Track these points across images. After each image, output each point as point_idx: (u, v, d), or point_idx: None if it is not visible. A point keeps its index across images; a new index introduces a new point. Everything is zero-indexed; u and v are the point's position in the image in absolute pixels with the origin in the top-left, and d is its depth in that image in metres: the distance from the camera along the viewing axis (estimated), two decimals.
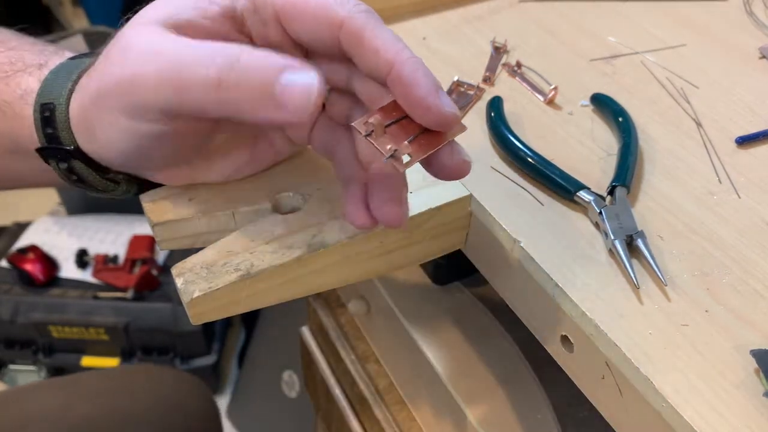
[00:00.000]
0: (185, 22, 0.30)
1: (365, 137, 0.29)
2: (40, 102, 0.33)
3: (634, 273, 0.34)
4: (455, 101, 0.46)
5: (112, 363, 1.28)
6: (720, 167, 0.41)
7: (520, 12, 0.55)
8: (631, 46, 0.52)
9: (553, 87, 0.46)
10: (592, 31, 0.53)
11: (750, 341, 0.31)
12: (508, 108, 0.44)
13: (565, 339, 0.34)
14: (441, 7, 0.55)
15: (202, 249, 0.34)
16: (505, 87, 0.47)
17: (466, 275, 0.54)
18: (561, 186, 0.38)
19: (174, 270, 0.33)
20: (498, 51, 0.50)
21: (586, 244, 0.36)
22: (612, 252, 0.35)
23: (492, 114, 0.43)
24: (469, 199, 0.38)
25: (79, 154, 0.33)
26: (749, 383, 0.30)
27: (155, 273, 1.26)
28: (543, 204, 0.38)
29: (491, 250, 0.38)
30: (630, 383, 0.30)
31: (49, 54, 0.36)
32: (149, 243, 1.29)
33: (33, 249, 1.26)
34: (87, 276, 1.27)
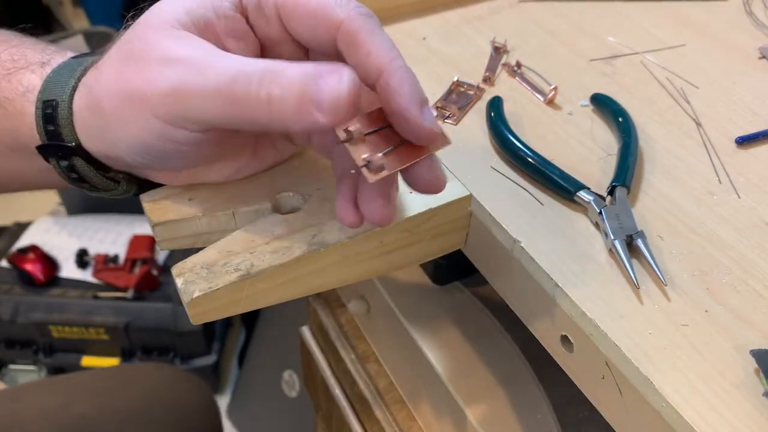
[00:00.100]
0: (203, 23, 0.31)
1: (342, 143, 0.29)
2: (42, 99, 0.33)
3: (634, 273, 0.34)
4: (455, 101, 0.46)
5: (112, 363, 1.28)
6: (720, 167, 0.41)
7: (520, 12, 0.55)
8: (631, 46, 0.52)
9: (553, 87, 0.46)
10: (592, 31, 0.53)
11: (750, 341, 0.31)
12: (508, 108, 0.44)
13: (565, 339, 0.34)
14: (441, 8, 0.55)
15: (202, 249, 0.34)
16: (505, 87, 0.47)
17: (466, 275, 0.54)
18: (561, 186, 0.38)
19: (174, 270, 0.33)
20: (498, 51, 0.50)
21: (586, 244, 0.36)
22: (612, 252, 0.35)
23: (492, 114, 0.43)
24: (469, 199, 0.38)
25: (81, 151, 0.33)
26: (749, 383, 0.30)
27: (155, 273, 1.26)
28: (543, 204, 0.38)
29: (491, 250, 0.38)
30: (630, 383, 0.30)
31: (52, 53, 0.36)
32: (149, 243, 1.29)
33: (33, 249, 1.26)
34: (87, 276, 1.28)
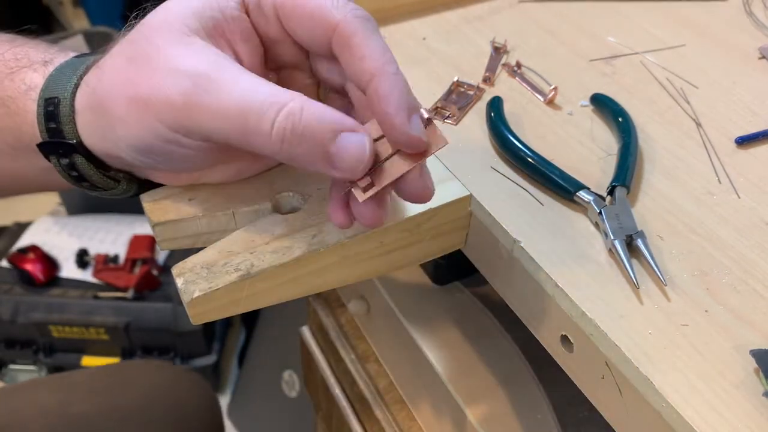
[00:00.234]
0: (212, 27, 0.31)
1: None
2: (44, 97, 0.33)
3: (633, 273, 0.34)
4: (455, 101, 0.46)
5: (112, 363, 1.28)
6: (720, 167, 0.41)
7: (520, 12, 0.55)
8: (631, 46, 0.52)
9: (553, 87, 0.46)
10: (591, 31, 0.53)
11: (750, 341, 0.31)
12: (508, 108, 0.44)
13: (565, 339, 0.34)
14: (441, 8, 0.55)
15: (202, 249, 0.34)
16: (505, 87, 0.47)
17: (466, 275, 0.54)
18: (561, 186, 0.38)
19: (174, 270, 0.33)
20: (498, 51, 0.50)
21: (586, 244, 0.36)
22: (612, 252, 0.35)
23: (492, 114, 0.43)
24: (469, 199, 0.38)
25: (82, 148, 0.33)
26: (749, 383, 0.30)
27: (155, 273, 1.26)
28: (543, 204, 0.38)
29: (491, 250, 0.38)
30: (630, 383, 0.30)
31: (54, 52, 0.36)
32: (149, 243, 1.29)
33: (33, 249, 1.26)
34: (87, 276, 1.28)
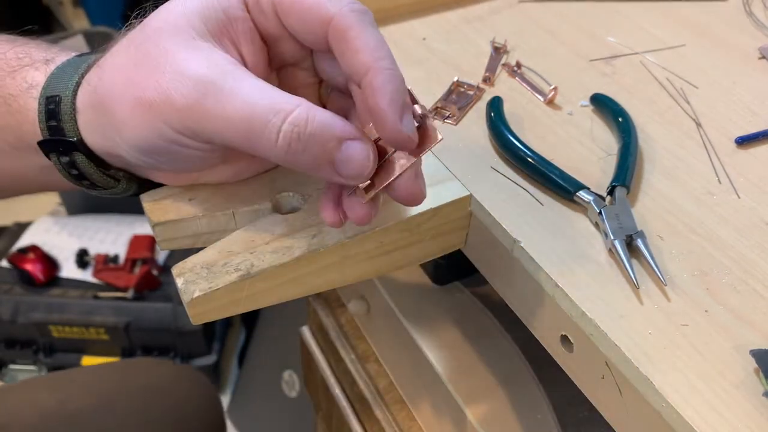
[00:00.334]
0: (217, 28, 0.31)
1: None
2: (45, 95, 0.33)
3: (633, 273, 0.34)
4: (455, 101, 0.46)
5: None
6: (720, 167, 0.41)
7: (520, 12, 0.55)
8: (631, 46, 0.52)
9: (553, 87, 0.46)
10: (591, 31, 0.53)
11: (750, 341, 0.31)
12: (508, 108, 0.44)
13: (565, 339, 0.34)
14: (441, 8, 0.55)
15: (202, 249, 0.34)
16: (505, 87, 0.47)
17: (466, 275, 0.54)
18: (561, 186, 0.38)
19: (174, 270, 0.33)
20: (498, 51, 0.50)
21: (586, 244, 0.36)
22: (612, 252, 0.35)
23: (492, 114, 0.43)
24: (469, 199, 0.38)
25: (82, 146, 0.33)
26: (749, 383, 0.30)
27: (155, 273, 1.26)
28: (543, 204, 0.38)
29: (491, 250, 0.38)
30: (630, 383, 0.30)
31: (56, 51, 0.36)
32: (149, 243, 1.29)
33: (33, 249, 1.26)
34: (87, 276, 1.27)
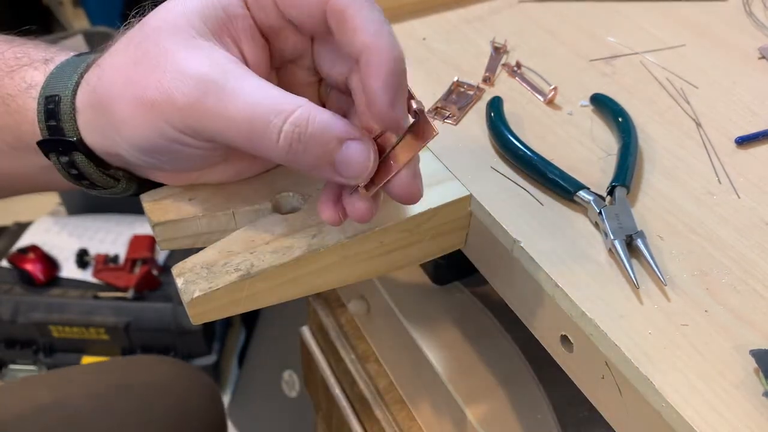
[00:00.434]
0: (218, 27, 0.31)
1: None
2: (44, 95, 0.33)
3: (633, 273, 0.34)
4: (455, 101, 0.46)
5: None
6: (719, 167, 0.41)
7: (520, 12, 0.55)
8: (631, 46, 0.52)
9: (553, 87, 0.46)
10: (591, 31, 0.53)
11: (750, 341, 0.31)
12: (508, 108, 0.44)
13: (565, 339, 0.34)
14: (441, 8, 0.55)
15: (202, 249, 0.34)
16: (505, 87, 0.47)
17: (466, 275, 0.54)
18: (561, 186, 0.38)
19: (174, 270, 0.33)
20: (498, 51, 0.50)
21: (586, 244, 0.36)
22: (612, 252, 0.35)
23: (492, 114, 0.43)
24: (469, 199, 0.38)
25: (82, 146, 0.33)
26: (749, 383, 0.30)
27: (155, 273, 1.26)
28: (543, 204, 0.38)
29: (491, 250, 0.38)
30: (630, 383, 0.30)
31: (55, 51, 0.36)
32: (149, 243, 1.29)
33: (33, 249, 1.26)
34: (87, 276, 1.27)
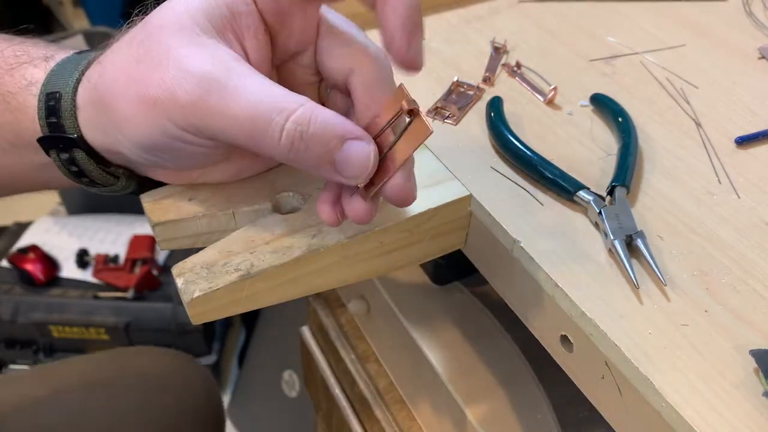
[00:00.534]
0: (221, 25, 0.31)
1: None
2: (45, 92, 0.33)
3: (633, 273, 0.34)
4: (455, 101, 0.46)
5: None
6: (719, 167, 0.41)
7: (520, 12, 0.55)
8: (631, 46, 0.52)
9: (553, 87, 0.46)
10: (591, 31, 0.53)
11: (750, 341, 0.31)
12: (507, 108, 0.44)
13: (565, 339, 0.34)
14: (441, 8, 0.55)
15: (202, 249, 0.34)
16: (505, 87, 0.47)
17: (466, 275, 0.54)
18: (561, 186, 0.38)
19: (174, 270, 0.33)
20: (498, 51, 0.50)
21: (585, 244, 0.36)
22: (612, 252, 0.35)
23: (492, 114, 0.43)
24: (469, 199, 0.38)
25: (82, 143, 0.33)
26: (749, 383, 0.30)
27: (155, 273, 1.26)
28: (543, 204, 0.38)
29: (491, 250, 0.38)
30: (630, 383, 0.30)
31: (55, 49, 0.36)
32: (149, 243, 1.29)
33: (33, 249, 1.26)
34: (87, 276, 1.27)
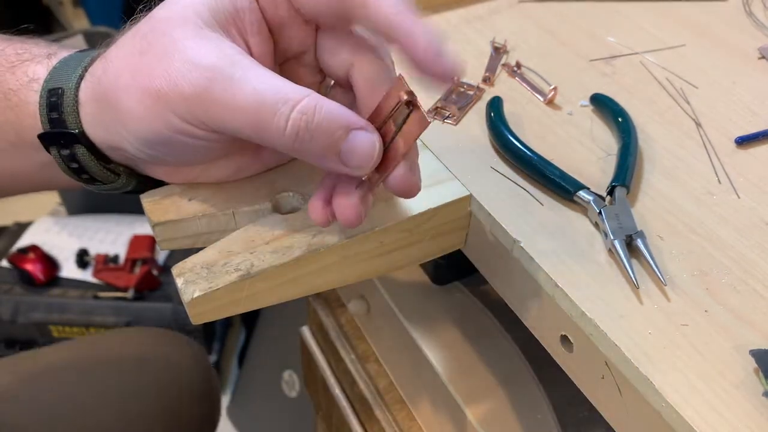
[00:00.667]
0: (225, 20, 0.31)
1: None
2: (47, 88, 0.33)
3: (633, 273, 0.34)
4: (455, 101, 0.46)
5: None
6: (719, 167, 0.41)
7: (520, 12, 0.55)
8: (631, 46, 0.52)
9: (553, 87, 0.46)
10: (591, 31, 0.53)
11: (750, 341, 0.31)
12: (507, 108, 0.44)
13: (565, 339, 0.34)
14: (441, 8, 0.55)
15: (202, 249, 0.34)
16: (505, 87, 0.47)
17: (466, 275, 0.55)
18: (561, 186, 0.38)
19: (174, 270, 0.33)
20: (498, 51, 0.50)
21: (586, 244, 0.36)
22: (612, 252, 0.35)
23: (492, 114, 0.43)
24: (469, 199, 0.38)
25: (84, 138, 0.33)
26: (749, 383, 0.30)
27: (155, 273, 1.26)
28: (543, 204, 0.38)
29: (491, 250, 0.38)
30: (630, 383, 0.30)
31: (57, 48, 0.36)
32: (149, 243, 1.29)
33: (33, 249, 1.26)
34: (87, 276, 1.27)
